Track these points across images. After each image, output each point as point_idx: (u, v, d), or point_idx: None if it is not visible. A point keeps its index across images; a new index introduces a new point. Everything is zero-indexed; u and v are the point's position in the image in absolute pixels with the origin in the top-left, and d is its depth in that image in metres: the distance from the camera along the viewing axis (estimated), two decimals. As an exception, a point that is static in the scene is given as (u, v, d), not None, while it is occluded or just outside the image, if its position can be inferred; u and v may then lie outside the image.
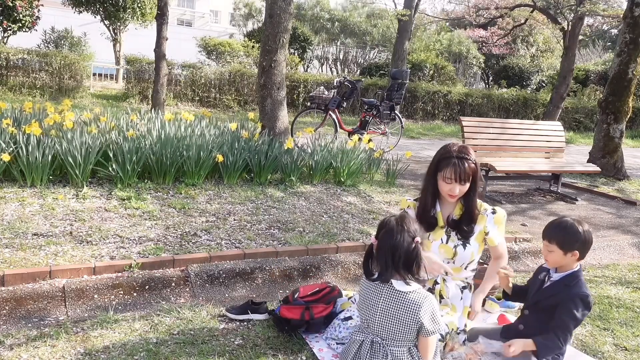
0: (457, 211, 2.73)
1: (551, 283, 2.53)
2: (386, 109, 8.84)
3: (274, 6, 5.99)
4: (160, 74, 8.23)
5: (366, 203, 5.18)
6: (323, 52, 20.96)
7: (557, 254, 2.47)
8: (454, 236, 2.73)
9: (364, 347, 2.26)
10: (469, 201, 2.69)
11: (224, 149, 5.16)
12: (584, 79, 18.96)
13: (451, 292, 2.74)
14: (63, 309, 2.90)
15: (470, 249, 2.71)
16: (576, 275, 2.49)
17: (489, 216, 2.72)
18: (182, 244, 3.65)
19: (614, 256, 4.76)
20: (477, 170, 2.65)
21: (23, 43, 12.25)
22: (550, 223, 2.55)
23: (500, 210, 2.76)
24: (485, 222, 2.71)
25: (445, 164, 2.61)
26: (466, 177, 2.59)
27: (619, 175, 8.07)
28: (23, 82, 11.21)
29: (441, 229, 2.75)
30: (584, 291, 2.45)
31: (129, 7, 14.58)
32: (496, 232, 2.72)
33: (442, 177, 2.62)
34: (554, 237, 2.46)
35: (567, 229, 2.45)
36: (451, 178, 2.58)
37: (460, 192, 2.63)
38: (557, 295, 2.47)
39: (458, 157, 2.59)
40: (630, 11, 7.84)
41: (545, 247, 2.51)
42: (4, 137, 4.41)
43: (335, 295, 2.80)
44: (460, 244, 2.72)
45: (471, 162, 2.61)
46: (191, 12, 40.40)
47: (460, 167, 2.57)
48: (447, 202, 2.75)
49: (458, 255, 2.71)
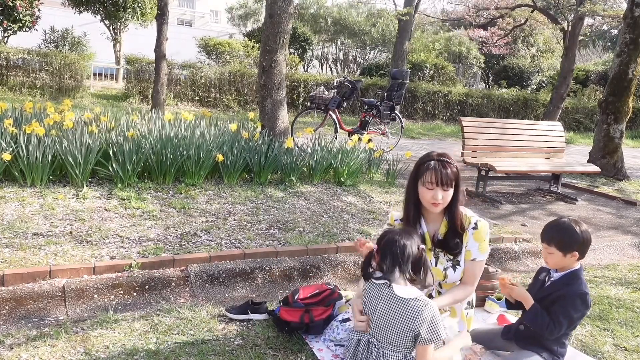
0: (442, 229, 2.57)
1: (551, 282, 2.53)
2: (386, 109, 8.84)
3: (274, 6, 5.99)
4: (161, 74, 8.24)
5: (366, 203, 5.18)
6: (323, 52, 20.96)
7: (557, 255, 2.46)
8: (442, 258, 2.59)
9: (361, 346, 2.26)
10: (452, 213, 2.53)
11: (224, 149, 5.16)
12: (584, 79, 18.97)
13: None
14: (63, 309, 2.90)
15: (460, 270, 2.57)
16: (576, 274, 2.49)
17: (469, 231, 2.55)
18: (182, 243, 3.65)
19: (614, 256, 4.76)
20: (459, 177, 2.49)
21: (23, 43, 12.26)
22: (548, 225, 2.54)
23: (482, 224, 2.58)
24: (467, 239, 2.56)
25: (425, 168, 2.44)
26: (449, 182, 2.42)
27: (619, 176, 8.07)
28: (23, 82, 11.21)
29: (429, 251, 2.59)
30: (583, 289, 2.44)
31: (129, 7, 14.58)
32: (476, 248, 2.55)
33: (422, 184, 2.45)
34: (553, 239, 2.45)
35: (565, 231, 2.45)
36: (432, 182, 2.41)
37: (443, 200, 2.45)
38: (556, 292, 2.47)
39: (439, 160, 2.44)
40: (631, 11, 7.84)
41: (545, 249, 2.50)
42: (4, 137, 4.41)
43: (335, 298, 2.79)
44: (449, 266, 2.58)
45: (453, 166, 2.46)
46: (191, 12, 40.39)
47: (441, 171, 2.40)
48: (432, 220, 2.60)
49: (449, 277, 2.58)
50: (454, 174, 2.45)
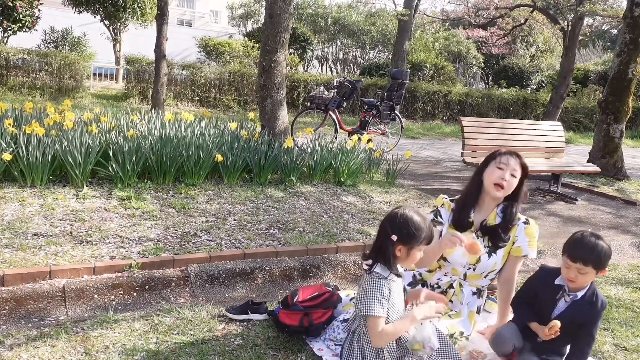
0: (491, 218, 2.68)
1: (574, 302, 2.44)
2: (386, 109, 8.84)
3: (274, 6, 5.99)
4: (160, 74, 8.23)
5: (366, 203, 5.18)
6: (323, 52, 20.96)
7: (591, 275, 2.37)
8: (480, 244, 2.65)
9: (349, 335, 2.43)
10: (511, 207, 2.65)
11: (223, 149, 5.16)
12: (584, 79, 18.97)
13: (466, 298, 2.71)
14: (63, 309, 2.90)
15: (494, 259, 2.65)
16: (594, 289, 2.44)
17: (519, 225, 2.65)
18: (182, 244, 3.65)
19: (613, 256, 4.71)
20: (526, 174, 2.64)
21: (23, 43, 12.27)
22: (579, 244, 2.37)
23: (533, 222, 2.69)
24: (517, 233, 2.64)
25: (498, 154, 2.65)
26: (518, 168, 2.60)
27: (618, 176, 8.08)
28: (23, 82, 11.21)
29: (470, 233, 2.68)
30: (605, 302, 2.45)
31: (129, 7, 14.58)
32: (526, 243, 2.63)
33: (494, 166, 2.62)
34: (590, 261, 2.33)
35: (599, 250, 2.34)
36: (506, 164, 2.58)
37: (508, 185, 2.58)
38: (584, 314, 2.41)
39: (511, 152, 2.65)
40: (630, 11, 7.84)
41: (577, 269, 2.35)
42: (4, 137, 4.41)
43: (334, 301, 2.78)
44: (485, 252, 2.65)
45: (523, 161, 2.64)
46: (191, 12, 40.38)
47: (514, 158, 2.61)
48: (484, 209, 2.69)
49: (481, 263, 2.65)
50: (522, 166, 2.62)
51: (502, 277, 2.69)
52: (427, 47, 19.78)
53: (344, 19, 21.52)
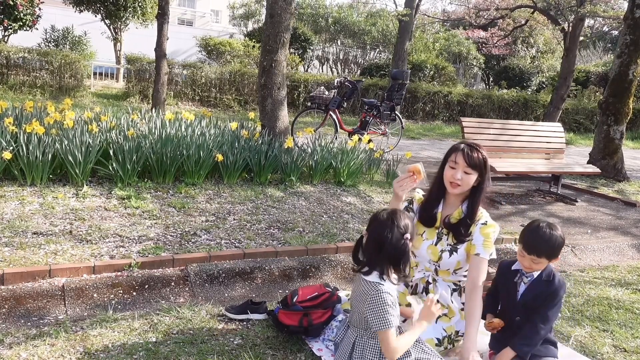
0: (456, 214, 2.66)
1: (531, 283, 2.52)
2: (386, 110, 8.83)
3: (274, 6, 5.99)
4: (161, 74, 8.23)
5: (366, 203, 5.19)
6: (323, 52, 20.95)
7: (544, 264, 2.49)
8: (444, 240, 2.67)
9: (344, 328, 2.42)
10: (470, 203, 2.62)
11: (224, 149, 5.16)
12: (585, 80, 18.97)
13: (445, 294, 2.71)
14: (62, 308, 2.90)
15: (455, 258, 2.64)
16: (551, 269, 2.53)
17: (478, 225, 2.60)
18: (181, 243, 3.65)
19: (613, 257, 4.76)
20: (485, 166, 2.58)
21: (24, 42, 12.26)
22: (533, 236, 2.46)
23: (492, 224, 2.62)
24: (474, 231, 2.61)
25: (454, 149, 2.62)
26: (473, 165, 2.54)
27: (619, 177, 8.07)
28: (23, 81, 11.20)
29: (435, 229, 2.71)
30: (563, 281, 2.52)
31: (130, 6, 14.57)
32: (480, 242, 2.57)
33: (447, 163, 2.60)
34: (543, 252, 2.44)
35: (554, 242, 2.43)
36: (456, 162, 2.56)
37: (462, 182, 2.55)
38: (542, 292, 2.49)
39: (468, 145, 2.60)
40: (631, 12, 7.84)
41: (532, 260, 2.45)
42: (4, 136, 4.41)
43: (334, 301, 2.78)
44: (447, 249, 2.65)
45: (480, 153, 2.58)
46: (192, 11, 40.36)
47: (467, 153, 2.55)
48: (450, 205, 2.69)
49: (442, 260, 2.66)
50: (479, 160, 2.57)
51: (467, 281, 2.59)
52: (427, 47, 19.76)
53: (345, 19, 21.49)
